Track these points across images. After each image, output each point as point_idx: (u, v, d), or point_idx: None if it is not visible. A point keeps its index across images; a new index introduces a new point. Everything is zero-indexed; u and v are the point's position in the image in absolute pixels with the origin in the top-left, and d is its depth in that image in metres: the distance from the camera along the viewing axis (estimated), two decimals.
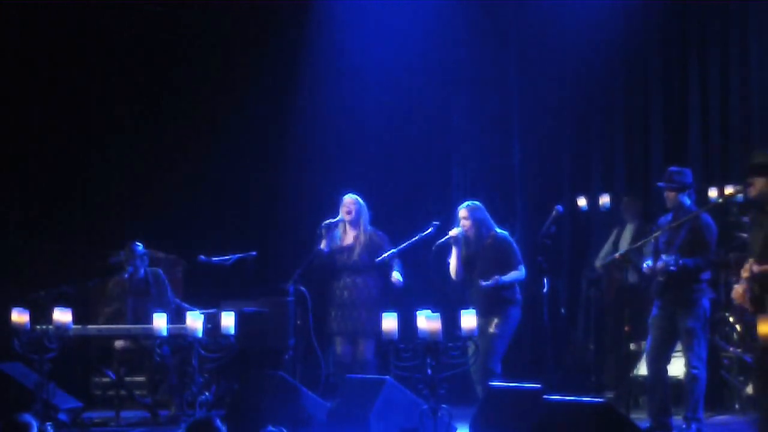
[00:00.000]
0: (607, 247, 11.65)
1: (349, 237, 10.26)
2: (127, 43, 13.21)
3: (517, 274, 9.54)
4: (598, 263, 11.70)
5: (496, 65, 12.92)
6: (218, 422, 5.98)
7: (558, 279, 12.10)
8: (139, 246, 10.96)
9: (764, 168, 8.01)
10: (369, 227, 10.26)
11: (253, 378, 9.59)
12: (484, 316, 9.31)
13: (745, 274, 7.85)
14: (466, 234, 9.60)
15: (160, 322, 9.55)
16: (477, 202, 9.77)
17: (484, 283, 9.43)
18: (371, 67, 12.83)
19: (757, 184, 8.05)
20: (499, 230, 9.69)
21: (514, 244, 9.68)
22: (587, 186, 12.63)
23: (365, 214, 10.27)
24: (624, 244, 11.27)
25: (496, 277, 9.41)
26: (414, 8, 12.76)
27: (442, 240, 9.61)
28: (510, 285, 9.52)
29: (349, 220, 10.24)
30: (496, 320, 9.42)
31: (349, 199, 10.27)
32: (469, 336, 8.19)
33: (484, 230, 9.61)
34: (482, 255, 9.59)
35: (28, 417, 6.30)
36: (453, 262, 9.69)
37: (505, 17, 12.90)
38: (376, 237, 10.21)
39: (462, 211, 9.67)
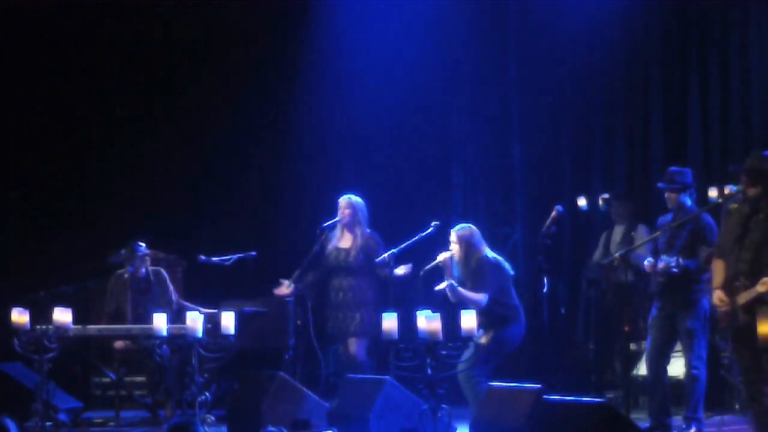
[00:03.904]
0: (599, 251, 11.55)
1: (346, 239, 10.24)
2: (127, 43, 13.21)
3: (477, 296, 9.04)
4: (588, 273, 11.61)
5: (496, 65, 12.92)
6: (199, 426, 5.95)
7: (558, 279, 12.08)
8: (141, 246, 10.95)
9: (762, 175, 7.93)
10: (367, 230, 10.24)
11: (253, 378, 9.59)
12: (481, 329, 9.07)
13: (762, 288, 7.63)
14: (455, 257, 9.30)
15: (160, 322, 9.56)
16: (468, 225, 9.44)
17: (447, 286, 9.08)
18: (371, 67, 12.84)
19: (756, 188, 8.00)
20: (489, 254, 9.30)
21: (492, 269, 9.18)
22: (587, 186, 12.60)
23: (362, 216, 10.22)
24: (614, 246, 11.15)
25: (451, 281, 9.09)
26: (414, 8, 12.76)
27: (431, 265, 9.31)
28: (503, 304, 9.18)
29: (344, 222, 10.23)
30: (491, 334, 9.13)
31: (344, 201, 10.25)
32: (469, 336, 8.18)
33: (472, 252, 9.27)
34: (470, 277, 9.24)
35: (6, 421, 6.28)
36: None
37: (505, 17, 12.91)
38: (373, 242, 10.17)
39: (451, 235, 9.37)
